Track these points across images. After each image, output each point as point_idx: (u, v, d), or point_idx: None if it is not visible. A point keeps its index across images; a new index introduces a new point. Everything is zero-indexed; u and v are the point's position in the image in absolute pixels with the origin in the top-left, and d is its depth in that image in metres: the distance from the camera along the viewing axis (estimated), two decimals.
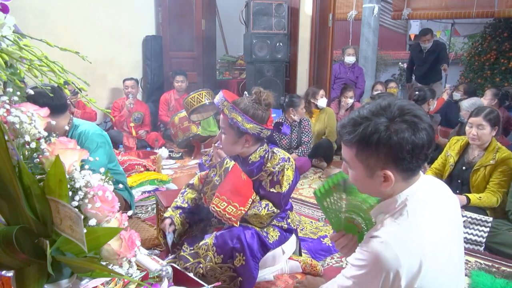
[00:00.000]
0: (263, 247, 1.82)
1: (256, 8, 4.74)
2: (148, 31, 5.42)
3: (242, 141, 1.83)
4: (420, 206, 1.03)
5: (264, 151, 1.88)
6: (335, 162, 4.22)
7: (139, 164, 3.09)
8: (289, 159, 1.86)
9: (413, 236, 0.98)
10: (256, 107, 1.80)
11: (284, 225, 1.93)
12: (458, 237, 1.11)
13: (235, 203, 1.76)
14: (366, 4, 6.82)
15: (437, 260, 0.99)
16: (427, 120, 1.00)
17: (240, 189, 1.79)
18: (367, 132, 1.00)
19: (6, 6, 0.87)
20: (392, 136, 0.97)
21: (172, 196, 2.32)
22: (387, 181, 1.03)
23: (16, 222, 0.81)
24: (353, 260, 1.06)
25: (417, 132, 0.98)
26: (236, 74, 6.98)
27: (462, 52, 8.87)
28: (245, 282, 1.75)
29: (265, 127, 1.81)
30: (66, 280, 0.86)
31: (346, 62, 5.53)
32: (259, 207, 1.79)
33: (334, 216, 1.26)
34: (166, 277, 1.16)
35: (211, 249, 1.78)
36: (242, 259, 1.74)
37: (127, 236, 0.87)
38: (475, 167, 2.59)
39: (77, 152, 0.86)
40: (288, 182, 1.82)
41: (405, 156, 0.98)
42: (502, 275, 2.10)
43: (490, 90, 4.44)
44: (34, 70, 0.89)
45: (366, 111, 1.03)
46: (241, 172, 1.84)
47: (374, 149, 1.00)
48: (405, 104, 1.02)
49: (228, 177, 1.81)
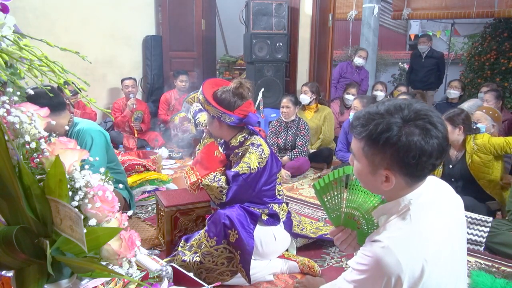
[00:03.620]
0: (252, 217, 1.91)
1: (256, 8, 4.74)
2: (148, 31, 5.41)
3: (215, 125, 1.99)
4: (424, 210, 1.02)
5: (243, 137, 2.00)
6: (335, 162, 4.22)
7: (139, 164, 3.09)
8: (259, 146, 1.95)
9: (416, 241, 0.97)
10: (227, 94, 1.93)
11: (266, 210, 2.01)
12: (461, 240, 1.09)
13: (197, 172, 1.93)
14: (366, 4, 6.81)
15: (440, 265, 0.97)
16: (442, 129, 0.97)
17: (206, 162, 1.97)
18: (378, 130, 0.98)
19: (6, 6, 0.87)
20: (401, 138, 0.95)
21: (172, 196, 2.33)
22: (388, 182, 1.02)
23: (16, 222, 0.81)
24: (354, 264, 1.05)
25: (428, 139, 0.95)
26: (236, 74, 6.98)
27: (462, 52, 8.86)
28: (243, 254, 1.82)
29: (227, 112, 1.91)
30: (66, 280, 0.86)
31: (355, 63, 5.47)
32: (212, 179, 1.90)
33: (334, 211, 1.24)
34: (166, 277, 1.16)
35: (204, 235, 1.88)
36: (235, 233, 1.82)
37: (127, 236, 0.87)
38: (467, 161, 2.72)
39: (77, 152, 0.86)
40: (247, 165, 1.90)
41: (410, 161, 0.96)
42: (502, 275, 2.10)
43: (491, 93, 4.17)
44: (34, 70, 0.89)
45: (383, 107, 1.00)
46: (216, 149, 2.02)
47: (381, 147, 0.98)
48: (423, 108, 0.99)
49: (201, 150, 2.05)
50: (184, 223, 2.23)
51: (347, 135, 3.81)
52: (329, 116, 4.34)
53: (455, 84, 4.91)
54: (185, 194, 2.34)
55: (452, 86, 4.90)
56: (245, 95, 1.95)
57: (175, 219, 2.21)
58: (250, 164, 1.90)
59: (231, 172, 1.89)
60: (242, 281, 1.90)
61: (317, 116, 4.36)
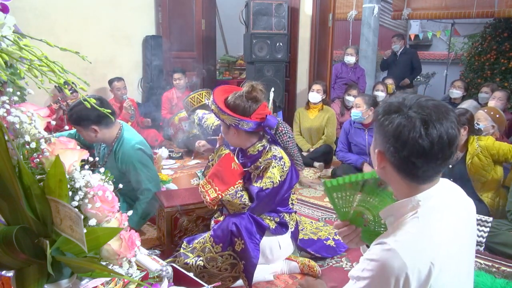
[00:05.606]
0: (260, 229, 1.87)
1: (256, 8, 4.73)
2: (148, 31, 5.41)
3: (232, 133, 1.91)
4: (433, 213, 0.99)
5: (262, 146, 1.93)
6: (335, 162, 4.22)
7: None
8: (280, 158, 1.88)
9: (424, 244, 0.94)
10: (241, 100, 1.84)
11: (276, 219, 1.97)
12: (470, 245, 1.07)
13: (216, 187, 1.86)
14: (366, 4, 6.81)
15: (447, 269, 0.95)
16: (441, 131, 0.92)
17: (225, 175, 1.88)
18: (381, 110, 1.00)
19: (6, 6, 0.87)
20: (391, 125, 0.95)
21: (172, 196, 2.33)
22: (382, 166, 1.02)
23: (16, 222, 0.81)
24: (359, 272, 1.00)
25: (415, 134, 0.91)
26: (236, 74, 6.98)
27: (462, 52, 8.85)
28: (247, 265, 1.79)
29: (244, 119, 1.82)
30: (66, 280, 0.86)
31: (346, 61, 5.54)
32: (234, 195, 1.84)
33: (343, 207, 1.21)
34: (166, 277, 1.16)
35: (209, 240, 1.84)
36: (241, 242, 1.79)
37: (127, 236, 0.87)
38: (467, 161, 2.70)
39: (77, 152, 0.86)
40: (270, 180, 1.83)
41: (400, 154, 0.94)
42: (502, 275, 2.10)
43: (504, 92, 4.00)
44: (34, 70, 0.89)
45: (408, 95, 1.00)
46: (233, 161, 1.92)
47: (378, 127, 1.00)
48: (430, 106, 0.94)
49: (218, 163, 1.94)
50: (184, 223, 2.23)
51: (347, 136, 3.81)
52: (332, 118, 4.33)
53: (458, 84, 4.82)
54: (185, 194, 2.35)
55: (455, 86, 4.81)
56: (259, 97, 1.87)
57: (175, 219, 2.21)
58: (273, 179, 1.84)
59: (255, 188, 1.82)
60: (242, 283, 1.90)
61: (320, 116, 4.34)
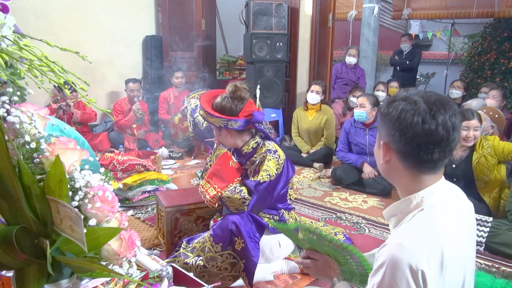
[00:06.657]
0: (259, 227, 1.88)
1: (256, 8, 4.73)
2: (148, 31, 5.41)
3: (224, 135, 1.95)
4: (436, 211, 0.98)
5: (256, 143, 1.96)
6: (335, 163, 4.22)
7: (139, 164, 3.09)
8: (275, 152, 1.91)
9: (431, 239, 0.92)
10: (226, 101, 1.90)
11: (275, 217, 1.98)
12: (472, 246, 1.07)
13: (215, 185, 1.89)
14: (366, 4, 6.82)
15: (453, 266, 0.94)
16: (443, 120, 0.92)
17: (223, 173, 1.92)
18: (385, 103, 1.03)
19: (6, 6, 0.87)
20: (396, 110, 0.96)
21: (172, 196, 2.32)
22: (386, 159, 1.02)
23: (16, 222, 0.81)
24: (373, 277, 0.95)
25: (428, 123, 0.92)
26: (236, 74, 6.98)
27: (462, 52, 8.85)
28: (247, 264, 1.80)
29: (232, 118, 1.88)
30: (66, 280, 0.86)
31: (347, 62, 5.53)
32: (233, 190, 1.86)
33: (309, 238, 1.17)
34: (166, 277, 1.16)
35: (209, 240, 1.85)
36: (241, 241, 1.80)
37: (127, 236, 0.87)
38: (473, 161, 2.70)
39: (77, 152, 0.86)
40: (267, 172, 1.86)
41: (402, 137, 0.94)
42: (502, 275, 2.10)
43: (498, 90, 4.06)
44: (34, 70, 0.89)
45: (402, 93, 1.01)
46: (230, 159, 1.96)
47: (382, 118, 1.01)
48: (439, 98, 0.95)
49: (216, 162, 1.98)
50: (184, 223, 2.23)
51: (347, 136, 3.81)
52: (331, 119, 4.33)
53: (457, 84, 4.81)
54: (185, 195, 2.34)
55: (454, 86, 4.80)
56: (244, 96, 1.92)
57: (175, 219, 2.21)
58: (270, 172, 1.86)
59: (252, 182, 1.84)
60: (242, 282, 1.90)
61: (318, 117, 4.34)
